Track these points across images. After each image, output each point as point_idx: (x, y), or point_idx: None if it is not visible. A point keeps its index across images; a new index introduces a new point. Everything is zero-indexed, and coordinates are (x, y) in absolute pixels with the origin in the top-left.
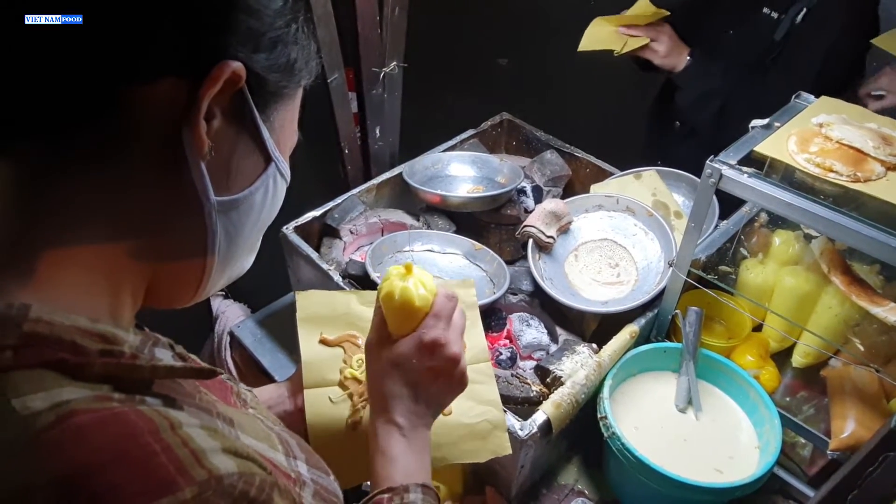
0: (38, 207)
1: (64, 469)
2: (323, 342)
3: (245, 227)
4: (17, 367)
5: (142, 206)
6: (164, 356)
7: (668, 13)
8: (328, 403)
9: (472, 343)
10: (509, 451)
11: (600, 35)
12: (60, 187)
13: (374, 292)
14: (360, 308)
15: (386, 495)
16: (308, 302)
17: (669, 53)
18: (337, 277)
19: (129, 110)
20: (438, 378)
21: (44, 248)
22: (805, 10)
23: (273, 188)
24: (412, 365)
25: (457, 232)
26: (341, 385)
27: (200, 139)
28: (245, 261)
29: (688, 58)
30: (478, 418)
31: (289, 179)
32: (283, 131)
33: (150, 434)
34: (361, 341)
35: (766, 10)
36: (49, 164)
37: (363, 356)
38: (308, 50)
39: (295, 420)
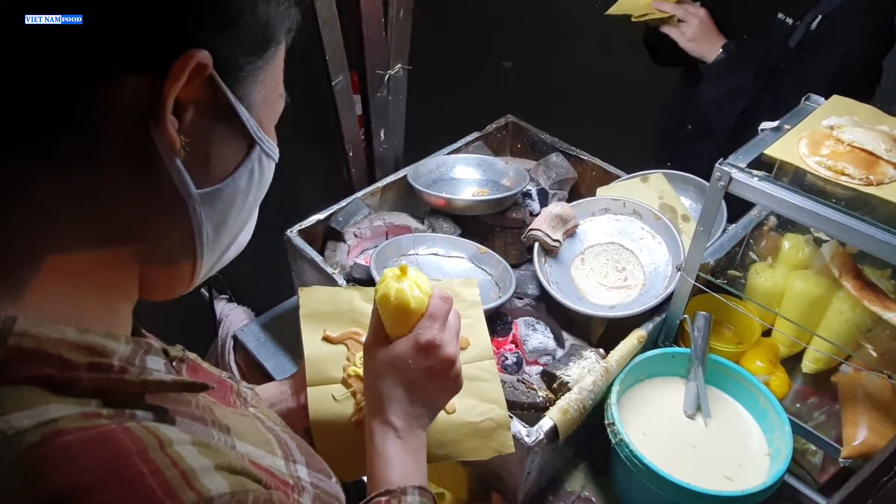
0: (17, 217)
1: (49, 492)
2: (326, 339)
3: (232, 213)
4: (1, 384)
5: (123, 208)
6: (157, 364)
7: None
8: (331, 401)
9: (476, 341)
10: (513, 450)
11: (631, 2)
12: (36, 195)
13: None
14: (363, 305)
15: (384, 498)
16: (311, 298)
17: (698, 38)
18: (341, 281)
19: (92, 115)
20: (434, 379)
21: (27, 257)
22: (820, 16)
23: (259, 170)
24: (408, 365)
25: (462, 235)
26: (344, 382)
27: (171, 137)
28: (240, 240)
29: (720, 50)
30: (481, 416)
31: (276, 156)
32: (265, 104)
33: (137, 454)
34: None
35: (780, 15)
36: (22, 172)
37: None
38: (282, 3)
39: (297, 417)
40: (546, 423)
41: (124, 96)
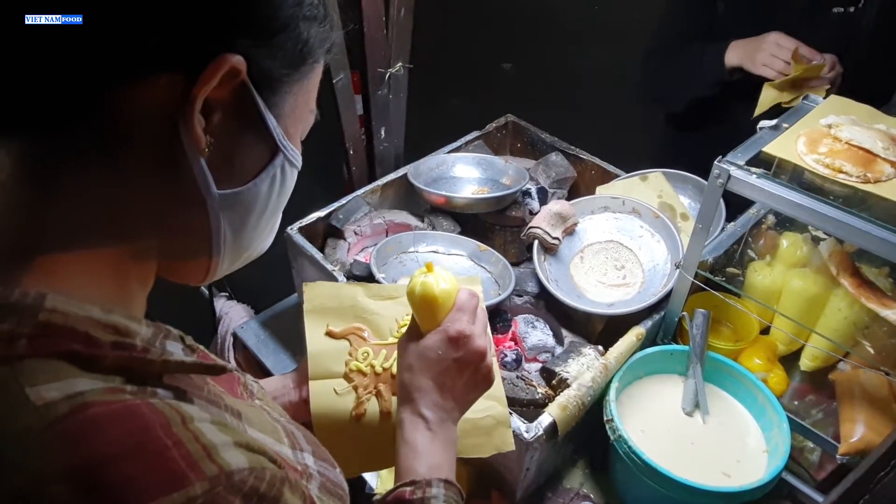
0: (41, 205)
1: (77, 460)
2: (329, 334)
3: (251, 218)
4: (31, 356)
5: (144, 203)
6: (175, 349)
7: (823, 64)
8: (333, 395)
9: None
10: (513, 447)
11: (770, 97)
12: (59, 186)
13: (381, 285)
14: (366, 300)
15: (408, 488)
16: (315, 294)
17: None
18: (341, 278)
19: (122, 108)
20: (464, 371)
21: (50, 244)
22: None
23: (281, 177)
24: (438, 357)
25: (462, 233)
26: (346, 377)
27: (197, 136)
28: (260, 245)
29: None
30: (481, 413)
31: (300, 165)
32: (293, 115)
33: (161, 428)
34: (367, 334)
35: (836, 9)
36: (46, 163)
37: (369, 349)
38: (325, 24)
39: (299, 411)
40: (545, 420)
41: (155, 93)
